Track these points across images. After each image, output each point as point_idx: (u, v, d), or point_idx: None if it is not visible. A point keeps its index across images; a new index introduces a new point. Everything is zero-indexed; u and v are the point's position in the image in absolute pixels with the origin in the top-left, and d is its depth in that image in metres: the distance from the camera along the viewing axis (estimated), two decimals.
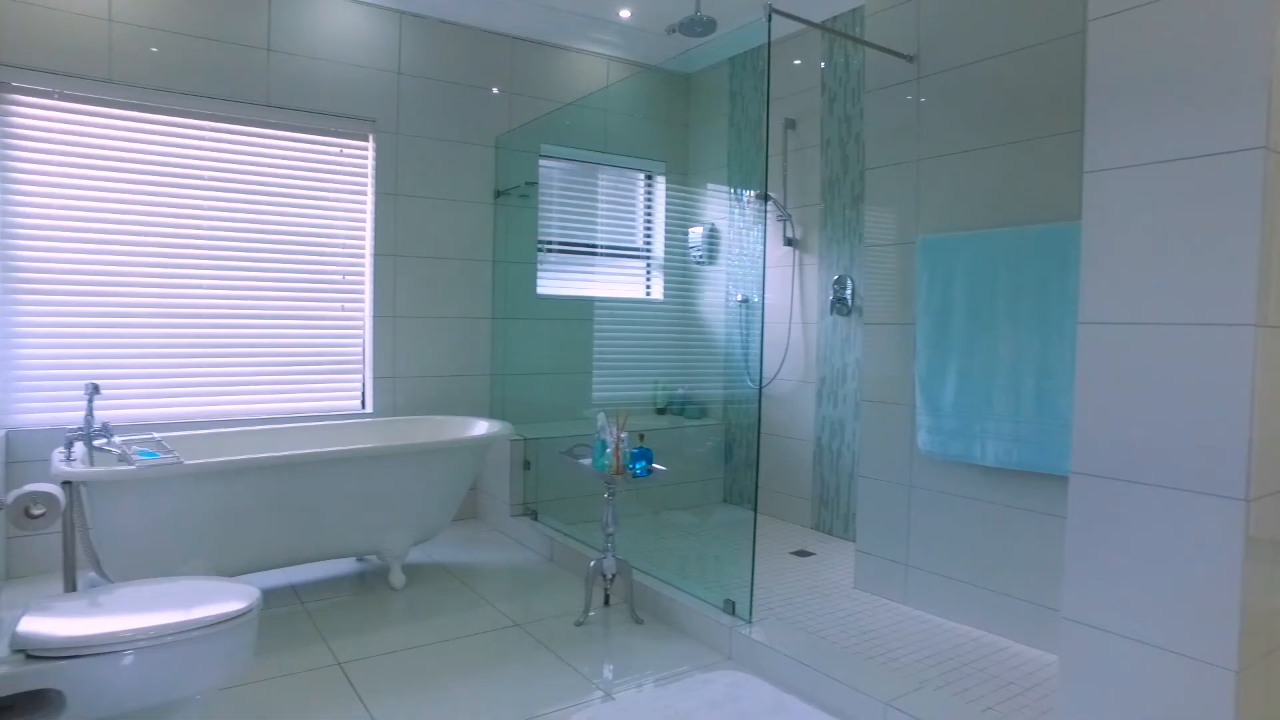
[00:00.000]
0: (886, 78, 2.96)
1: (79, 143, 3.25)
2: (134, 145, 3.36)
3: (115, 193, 3.33)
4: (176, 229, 3.46)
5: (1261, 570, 1.46)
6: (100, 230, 3.30)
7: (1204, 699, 1.45)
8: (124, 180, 3.34)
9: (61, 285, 3.25)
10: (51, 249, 3.22)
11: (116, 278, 3.35)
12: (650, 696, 2.25)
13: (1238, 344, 1.41)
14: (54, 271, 3.23)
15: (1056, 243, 2.39)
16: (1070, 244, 2.31)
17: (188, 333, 3.51)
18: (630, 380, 4.57)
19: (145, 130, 3.38)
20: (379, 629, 2.74)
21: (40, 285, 3.21)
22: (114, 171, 3.32)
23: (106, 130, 3.30)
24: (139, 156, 3.37)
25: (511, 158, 4.24)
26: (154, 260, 3.42)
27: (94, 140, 3.28)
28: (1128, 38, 1.56)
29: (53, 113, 3.20)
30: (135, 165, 3.36)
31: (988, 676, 2.36)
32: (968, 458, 2.63)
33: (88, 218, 3.28)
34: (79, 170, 3.25)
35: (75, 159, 3.24)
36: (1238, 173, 1.41)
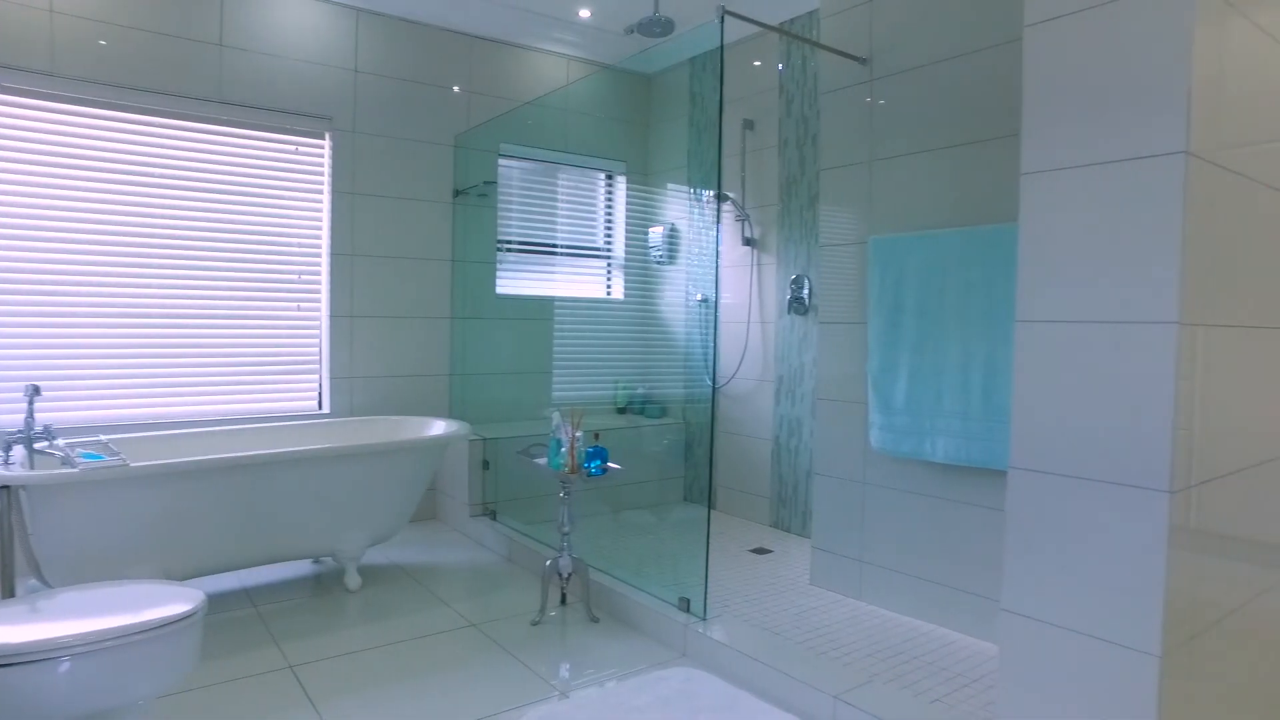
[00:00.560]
0: (841, 79, 3.00)
1: (18, 137, 3.17)
2: (79, 141, 3.28)
3: (58, 189, 3.25)
4: (125, 227, 3.39)
5: (1184, 559, 1.51)
6: (45, 227, 3.23)
7: (1130, 683, 1.49)
8: (68, 176, 3.27)
9: (1, 284, 3.16)
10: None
11: (61, 276, 3.27)
12: (603, 694, 2.26)
13: (1161, 341, 1.46)
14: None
15: (1003, 243, 2.44)
16: (1015, 245, 2.35)
17: (138, 333, 3.44)
18: (590, 380, 4.57)
19: (91, 126, 3.30)
20: (333, 631, 2.72)
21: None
22: (57, 168, 3.24)
23: (49, 125, 3.22)
24: (84, 152, 3.30)
25: (470, 157, 4.22)
26: (101, 258, 3.35)
27: (35, 135, 3.20)
28: (1060, 44, 1.61)
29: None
30: (80, 161, 3.29)
31: (937, 669, 2.40)
32: (919, 455, 2.67)
33: (30, 214, 3.20)
34: (18, 166, 3.17)
35: (14, 154, 3.16)
36: (1161, 176, 1.46)
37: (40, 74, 3.18)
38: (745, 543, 3.73)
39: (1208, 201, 1.52)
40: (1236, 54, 1.59)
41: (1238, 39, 1.60)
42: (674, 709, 2.17)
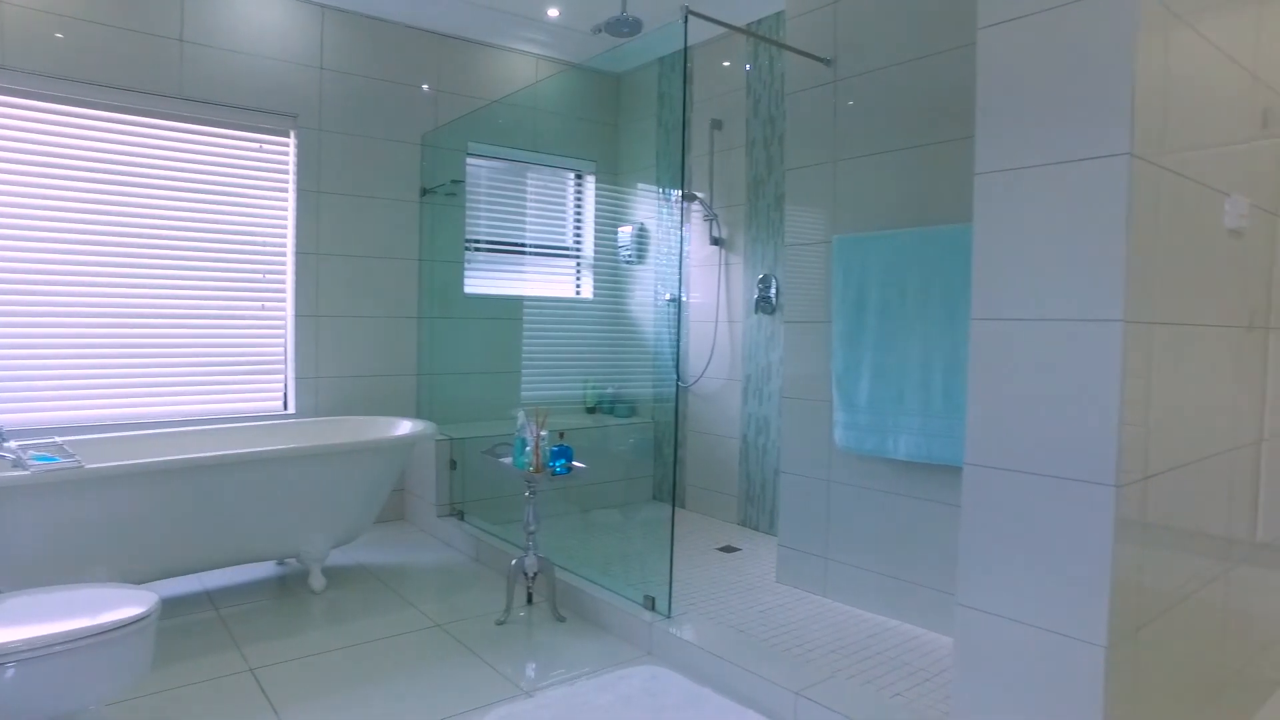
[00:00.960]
0: (805, 80, 3.02)
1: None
2: (32, 137, 3.22)
3: (11, 186, 3.18)
4: (82, 225, 3.33)
5: (1131, 552, 1.54)
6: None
7: (1077, 674, 1.52)
8: (20, 173, 3.20)
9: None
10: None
11: (15, 274, 3.20)
12: (567, 693, 2.25)
13: (1107, 339, 1.48)
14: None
15: (962, 243, 2.47)
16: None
17: (97, 333, 3.38)
18: (560, 379, 4.56)
19: (46, 122, 3.24)
20: (296, 633, 2.69)
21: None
22: (8, 164, 3.18)
23: (1, 119, 3.16)
24: (38, 149, 3.23)
25: (438, 155, 4.20)
26: (57, 256, 3.29)
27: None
28: (1011, 47, 1.63)
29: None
30: (34, 158, 3.22)
31: (899, 664, 2.43)
32: (882, 452, 2.70)
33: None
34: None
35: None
36: (1106, 178, 1.48)
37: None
38: (713, 541, 3.75)
39: (1152, 202, 1.55)
40: (1180, 61, 1.63)
41: (1181, 47, 1.63)
42: (637, 707, 2.17)
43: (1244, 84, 1.91)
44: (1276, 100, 2.12)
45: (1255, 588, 2.21)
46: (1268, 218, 2.16)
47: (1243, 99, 1.92)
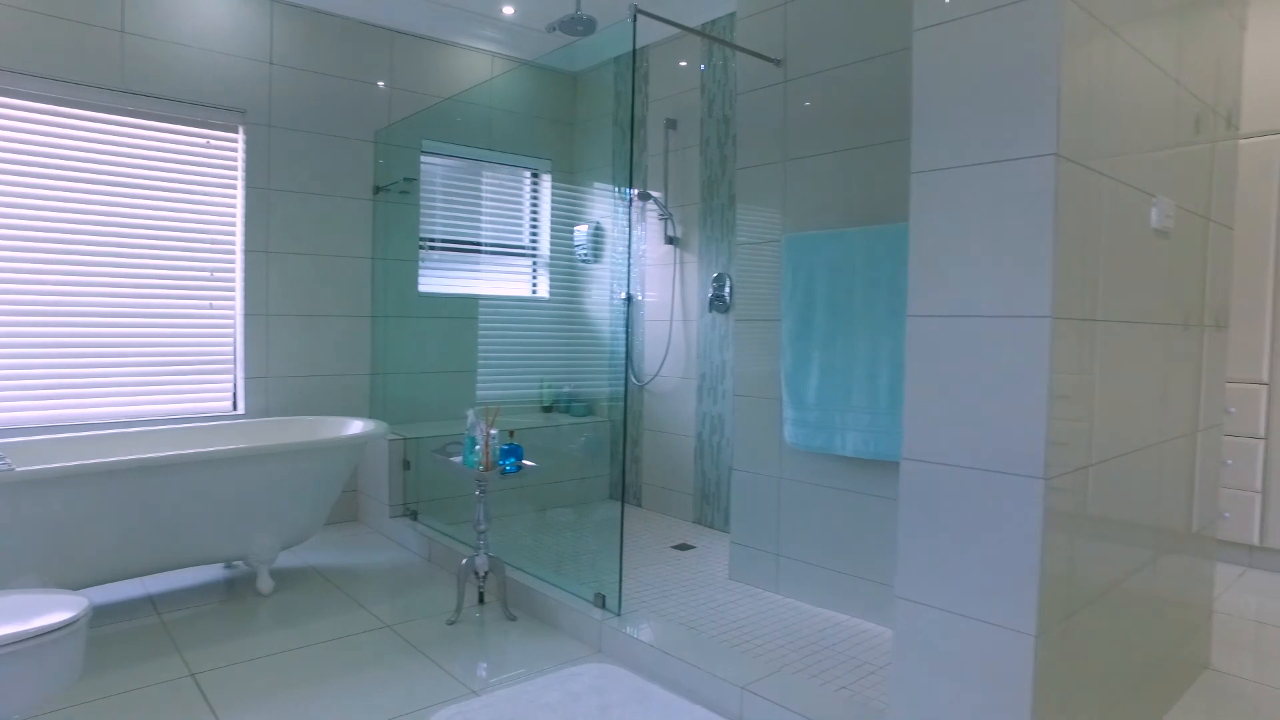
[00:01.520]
0: (756, 80, 3.05)
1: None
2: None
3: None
4: (20, 221, 3.24)
5: (1059, 542, 1.57)
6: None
7: (1008, 662, 1.55)
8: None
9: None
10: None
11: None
12: (514, 691, 2.25)
13: (1036, 334, 1.52)
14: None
15: (906, 241, 2.51)
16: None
17: (37, 332, 3.29)
18: (516, 378, 4.54)
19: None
20: (241, 637, 2.64)
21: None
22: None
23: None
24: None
25: (391, 153, 4.15)
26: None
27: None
28: (945, 48, 1.66)
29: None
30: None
31: (847, 657, 2.46)
32: (829, 449, 2.73)
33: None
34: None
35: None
36: (1033, 177, 1.52)
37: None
38: (669, 539, 3.76)
39: (1079, 202, 1.59)
40: (1106, 67, 1.67)
41: (1107, 54, 1.68)
42: (584, 704, 2.17)
43: (1169, 91, 1.97)
44: (1208, 107, 2.19)
45: (1183, 575, 2.27)
46: (1200, 221, 2.22)
47: (1169, 105, 1.98)
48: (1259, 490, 3.38)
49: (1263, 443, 3.37)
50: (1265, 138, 3.37)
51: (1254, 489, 3.39)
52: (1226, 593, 3.14)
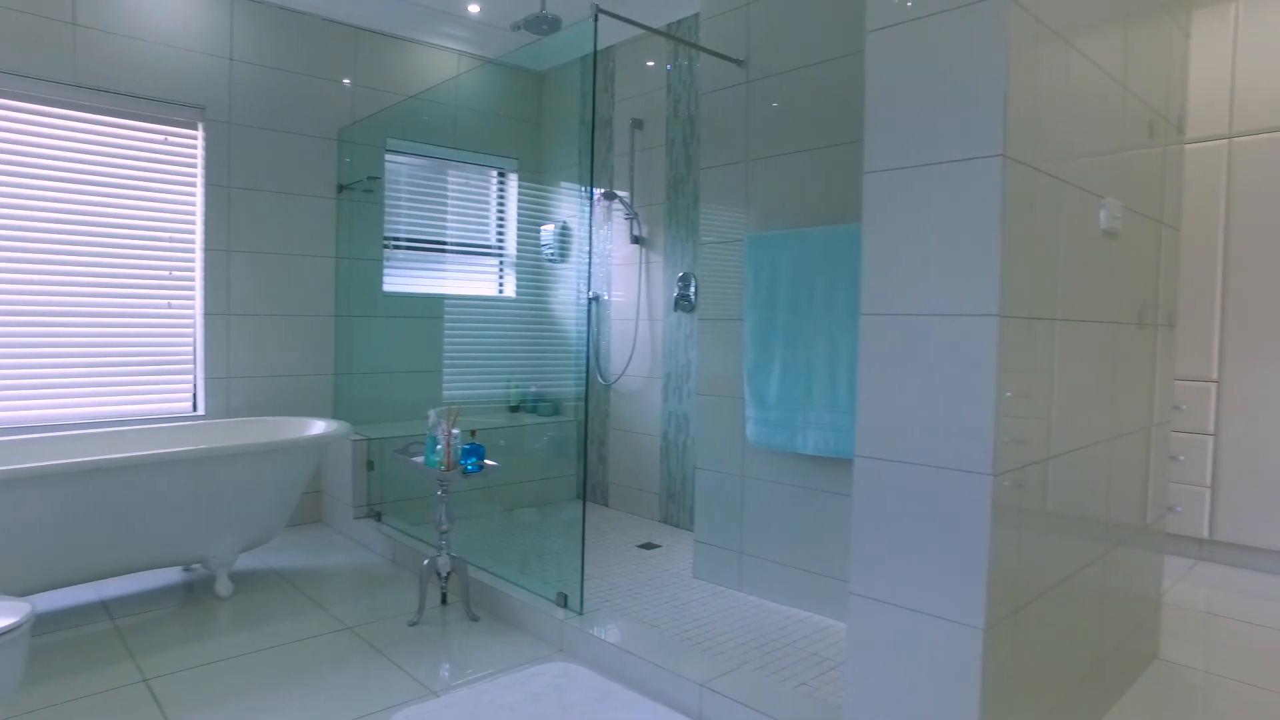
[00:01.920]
0: (719, 80, 3.07)
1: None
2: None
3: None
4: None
5: (1008, 537, 1.60)
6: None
7: (957, 656, 1.58)
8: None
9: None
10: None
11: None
12: (474, 692, 2.24)
13: (983, 333, 1.55)
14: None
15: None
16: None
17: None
18: (483, 378, 4.52)
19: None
20: (197, 641, 2.60)
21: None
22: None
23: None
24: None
25: (355, 151, 4.11)
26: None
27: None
28: (896, 50, 1.68)
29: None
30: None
31: (807, 654, 2.48)
32: (791, 447, 2.75)
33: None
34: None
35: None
36: (981, 177, 1.55)
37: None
38: (635, 538, 3.76)
39: (1027, 202, 1.62)
40: (1054, 71, 1.71)
41: (1055, 58, 1.71)
42: (545, 703, 2.17)
43: (1117, 96, 2.01)
44: (1156, 113, 2.24)
45: (1133, 568, 2.33)
46: (1148, 222, 2.27)
47: (1117, 109, 2.02)
48: (1208, 485, 3.46)
49: (1212, 439, 3.45)
50: (1213, 143, 3.46)
51: (1204, 484, 3.47)
52: (1177, 585, 3.21)
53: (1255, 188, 3.36)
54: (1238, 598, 3.08)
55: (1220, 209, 3.44)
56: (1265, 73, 3.32)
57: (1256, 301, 3.35)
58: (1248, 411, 3.37)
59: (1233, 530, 3.41)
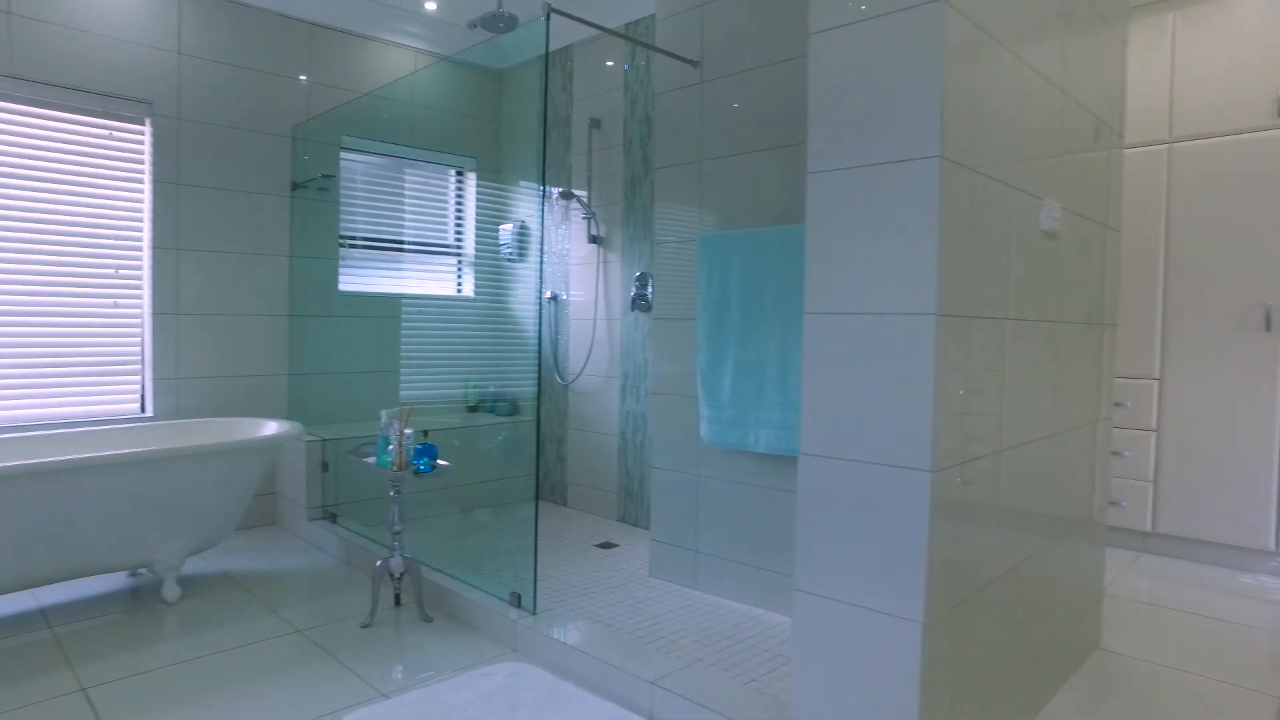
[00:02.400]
0: (674, 81, 3.08)
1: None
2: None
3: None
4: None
5: (947, 532, 1.63)
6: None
7: (898, 650, 1.60)
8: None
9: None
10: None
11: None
12: (425, 693, 2.22)
13: (921, 331, 1.57)
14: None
15: None
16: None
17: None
18: (441, 378, 4.49)
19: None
20: (141, 647, 2.55)
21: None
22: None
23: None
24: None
25: (310, 149, 4.06)
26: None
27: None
28: (838, 52, 1.71)
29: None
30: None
31: (760, 650, 2.50)
32: (744, 446, 2.78)
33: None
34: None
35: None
36: (920, 178, 1.58)
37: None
38: (592, 538, 3.76)
39: (966, 203, 1.65)
40: (992, 75, 1.74)
41: (993, 63, 1.75)
42: (496, 703, 2.16)
43: (1056, 100, 2.06)
44: (1095, 118, 2.30)
45: (1074, 561, 2.38)
46: (1087, 223, 2.33)
47: (1056, 114, 2.07)
48: (1151, 480, 3.56)
49: (1154, 435, 3.55)
50: (1154, 148, 3.55)
51: (1147, 479, 3.57)
52: (1121, 577, 3.29)
53: (1194, 192, 3.46)
54: (1178, 588, 3.17)
55: (1161, 212, 3.54)
56: (1202, 80, 3.42)
57: (1196, 301, 3.45)
58: (1188, 408, 3.47)
59: (1174, 523, 3.51)
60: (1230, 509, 3.37)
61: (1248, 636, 2.71)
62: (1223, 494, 3.38)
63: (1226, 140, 3.38)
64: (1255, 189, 3.31)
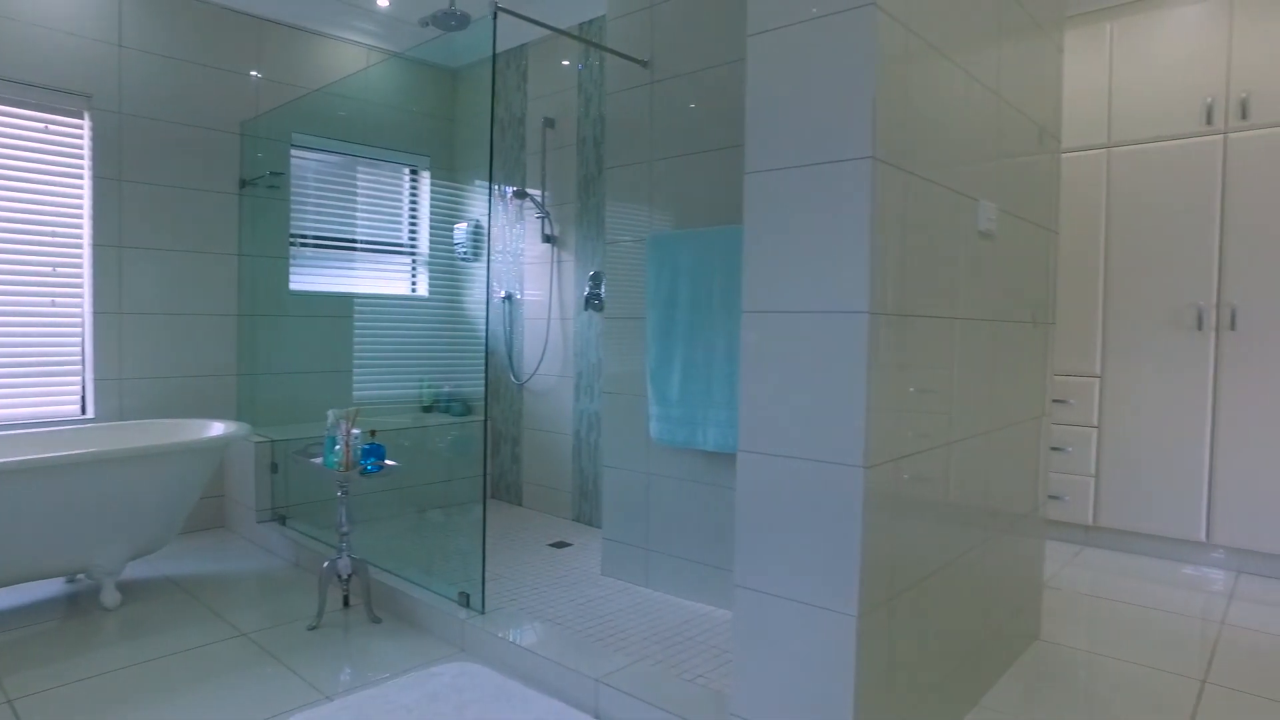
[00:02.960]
0: (624, 81, 3.09)
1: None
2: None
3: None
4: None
5: (881, 527, 1.66)
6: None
7: (833, 643, 1.63)
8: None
9: None
10: None
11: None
12: (370, 694, 2.20)
13: (855, 329, 1.60)
14: None
15: None
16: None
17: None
18: (395, 378, 4.45)
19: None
20: (76, 656, 2.49)
21: None
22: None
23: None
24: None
25: (259, 146, 3.99)
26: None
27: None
28: (773, 54, 1.73)
29: None
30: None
31: (708, 647, 2.52)
32: (692, 444, 2.80)
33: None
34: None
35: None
36: (852, 178, 1.60)
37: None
38: (547, 537, 3.76)
39: (900, 203, 1.69)
40: (927, 79, 1.78)
41: (928, 67, 1.78)
42: (442, 703, 2.15)
43: (991, 104, 2.11)
44: (1031, 121, 2.36)
45: (1013, 553, 2.44)
46: (1023, 224, 2.39)
47: (992, 117, 2.12)
48: (1093, 474, 3.66)
49: (1095, 431, 3.64)
50: (1094, 151, 3.65)
51: (1089, 474, 3.66)
52: (1063, 570, 3.38)
53: (1132, 195, 3.56)
54: (1118, 579, 3.26)
55: (1102, 214, 3.64)
56: (1138, 87, 3.53)
57: (1135, 301, 3.55)
58: (1128, 405, 3.57)
59: (1114, 516, 3.61)
60: (1165, 502, 3.47)
61: (1181, 624, 2.80)
62: (1159, 487, 3.49)
63: (1160, 146, 3.48)
64: (1187, 194, 3.42)
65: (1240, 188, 3.30)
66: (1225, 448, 3.34)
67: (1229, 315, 3.32)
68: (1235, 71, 3.30)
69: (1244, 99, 3.28)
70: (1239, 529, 3.31)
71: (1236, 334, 3.31)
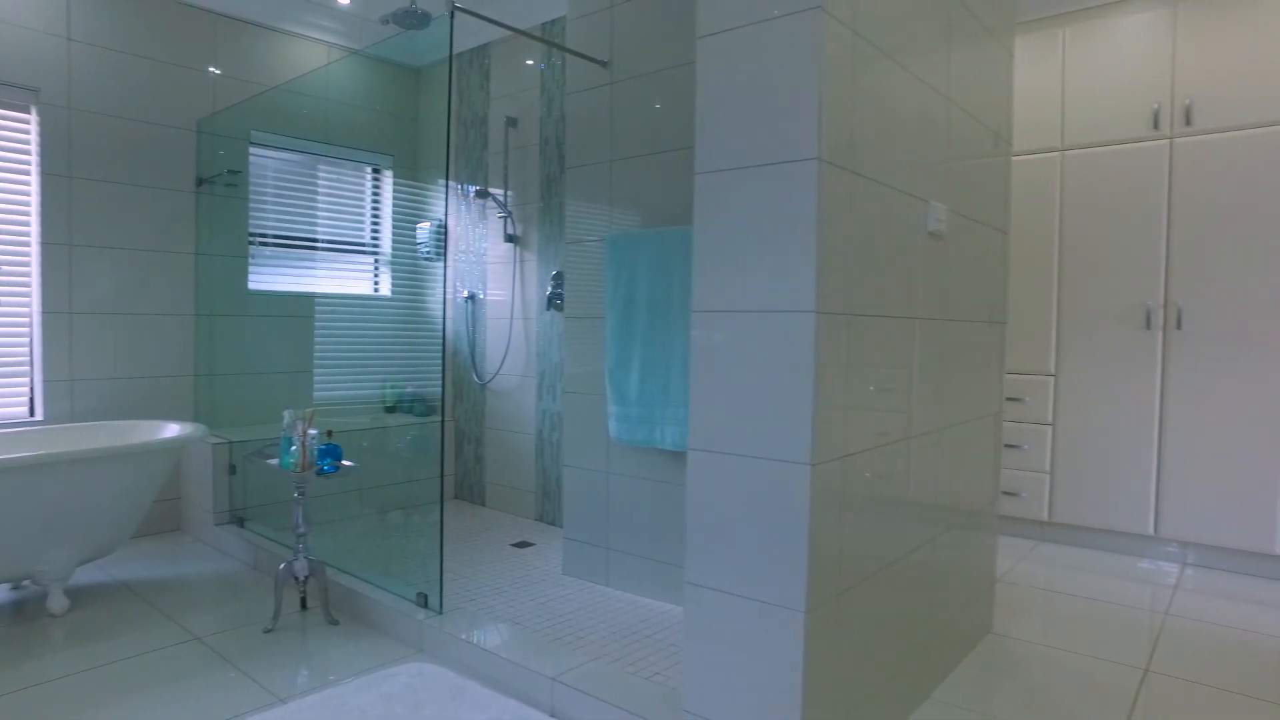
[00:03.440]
0: (584, 81, 3.09)
1: None
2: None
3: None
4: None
5: (829, 523, 1.69)
6: None
7: (781, 638, 1.65)
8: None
9: None
10: None
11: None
12: (325, 696, 2.19)
13: (802, 328, 1.62)
14: None
15: None
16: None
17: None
18: (357, 379, 4.41)
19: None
20: (20, 663, 2.43)
21: None
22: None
23: None
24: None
25: (217, 143, 3.94)
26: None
27: None
28: (722, 56, 1.75)
29: None
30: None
31: (664, 645, 2.53)
32: (651, 443, 2.81)
33: None
34: None
35: None
36: (798, 179, 1.63)
37: None
38: (509, 537, 3.75)
39: (846, 204, 1.71)
40: (874, 82, 1.81)
41: (875, 70, 1.81)
42: (398, 704, 2.14)
43: (941, 108, 2.15)
44: (982, 124, 2.40)
45: (964, 548, 2.48)
46: (974, 225, 2.43)
47: (942, 120, 2.15)
48: (1048, 471, 3.73)
49: (1050, 428, 3.72)
50: (1047, 154, 3.72)
51: (1044, 470, 3.74)
52: (1019, 565, 3.45)
53: (1084, 198, 3.64)
54: (1072, 574, 3.33)
55: (1055, 216, 3.71)
56: (1089, 92, 3.61)
57: (1087, 301, 3.63)
58: (1081, 402, 3.65)
59: (1069, 512, 3.69)
60: (1117, 497, 3.56)
61: (1128, 616, 2.87)
62: (1111, 483, 3.57)
63: (1111, 149, 3.56)
64: (1135, 197, 3.50)
65: (1185, 191, 3.39)
66: (1172, 444, 3.42)
67: (1175, 315, 3.40)
68: (1179, 79, 3.39)
69: (1188, 105, 3.37)
70: (1185, 522, 3.40)
71: (1182, 333, 3.39)
